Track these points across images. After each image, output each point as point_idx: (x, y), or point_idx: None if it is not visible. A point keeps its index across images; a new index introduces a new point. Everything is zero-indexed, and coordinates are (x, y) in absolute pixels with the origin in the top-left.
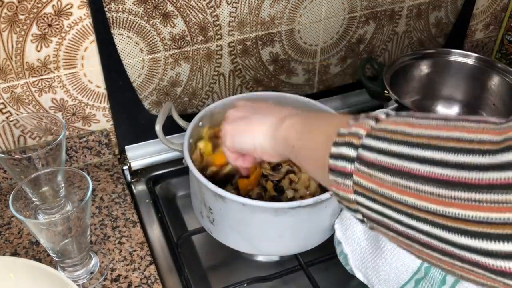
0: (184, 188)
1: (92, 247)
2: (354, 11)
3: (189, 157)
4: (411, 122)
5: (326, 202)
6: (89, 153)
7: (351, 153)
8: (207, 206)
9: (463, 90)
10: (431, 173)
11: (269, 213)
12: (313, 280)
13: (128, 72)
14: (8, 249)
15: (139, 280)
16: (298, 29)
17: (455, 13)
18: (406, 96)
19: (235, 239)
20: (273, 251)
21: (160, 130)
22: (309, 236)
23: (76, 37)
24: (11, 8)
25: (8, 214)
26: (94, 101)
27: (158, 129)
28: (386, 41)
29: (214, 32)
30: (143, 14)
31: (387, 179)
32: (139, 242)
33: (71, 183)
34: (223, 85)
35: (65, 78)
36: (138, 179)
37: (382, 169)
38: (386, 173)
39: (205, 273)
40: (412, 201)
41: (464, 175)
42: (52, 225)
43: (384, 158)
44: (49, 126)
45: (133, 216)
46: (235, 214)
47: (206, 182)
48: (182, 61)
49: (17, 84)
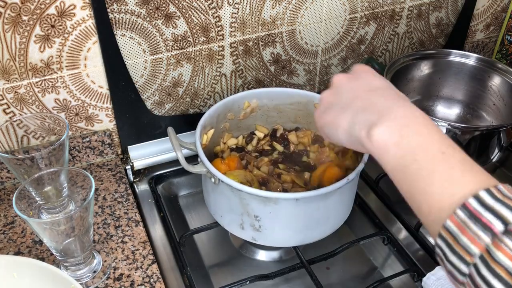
0: (186, 188)
1: (95, 246)
2: (355, 11)
3: (226, 177)
4: None
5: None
6: (92, 153)
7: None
8: (252, 215)
9: (464, 91)
10: None
11: (318, 200)
12: (314, 278)
13: (131, 72)
14: (11, 248)
15: (142, 279)
16: (299, 30)
17: (455, 13)
18: (406, 96)
19: (285, 237)
20: (322, 234)
21: (182, 156)
22: (347, 208)
23: (79, 38)
24: (14, 9)
25: (12, 214)
26: (97, 101)
27: (180, 156)
28: (387, 41)
29: (216, 33)
30: (146, 15)
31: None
32: (141, 241)
33: (74, 182)
34: (225, 86)
35: (68, 79)
36: (140, 179)
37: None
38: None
39: (207, 272)
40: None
41: None
42: (55, 225)
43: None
44: (52, 126)
45: (136, 215)
46: (288, 211)
47: (256, 191)
48: (184, 61)
49: (21, 85)
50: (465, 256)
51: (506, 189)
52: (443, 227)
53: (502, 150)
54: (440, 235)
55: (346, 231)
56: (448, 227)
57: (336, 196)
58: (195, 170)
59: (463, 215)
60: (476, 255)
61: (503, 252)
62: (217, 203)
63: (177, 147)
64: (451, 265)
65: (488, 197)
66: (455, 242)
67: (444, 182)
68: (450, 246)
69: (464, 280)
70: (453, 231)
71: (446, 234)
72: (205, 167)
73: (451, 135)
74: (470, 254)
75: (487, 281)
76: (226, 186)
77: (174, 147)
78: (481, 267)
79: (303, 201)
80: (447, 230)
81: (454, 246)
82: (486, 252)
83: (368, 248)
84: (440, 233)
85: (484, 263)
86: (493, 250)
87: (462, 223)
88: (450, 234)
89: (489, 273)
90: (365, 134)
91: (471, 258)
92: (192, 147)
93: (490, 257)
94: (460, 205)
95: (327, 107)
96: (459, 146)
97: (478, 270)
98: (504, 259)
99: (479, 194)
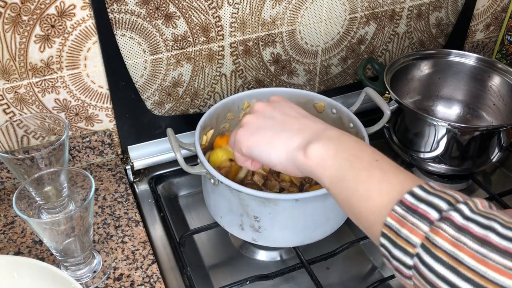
0: (186, 188)
1: (95, 246)
2: (355, 11)
3: (226, 178)
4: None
5: None
6: (92, 153)
7: (441, 205)
8: (252, 215)
9: (464, 91)
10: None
11: (318, 200)
12: (315, 278)
13: (131, 72)
14: (11, 248)
15: (142, 279)
16: (299, 30)
17: (455, 13)
18: (406, 96)
19: (285, 238)
20: (322, 234)
21: (181, 158)
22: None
23: (79, 38)
24: (14, 9)
25: (12, 214)
26: (97, 101)
27: (179, 157)
28: (387, 41)
29: (216, 33)
30: (146, 15)
31: (469, 245)
32: (141, 241)
33: (74, 182)
34: (225, 86)
35: (68, 79)
36: (140, 179)
37: (466, 233)
38: (469, 238)
39: (207, 272)
40: (490, 273)
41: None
42: (55, 225)
43: (472, 225)
44: (52, 126)
45: (136, 215)
46: (288, 212)
47: (255, 192)
48: (184, 61)
49: (21, 85)
50: (408, 248)
51: (435, 185)
52: (384, 225)
53: (502, 150)
54: (382, 234)
55: (346, 231)
56: (389, 223)
57: None
58: (194, 171)
59: (401, 210)
60: (418, 244)
61: (441, 237)
62: (217, 204)
63: (177, 148)
64: (396, 261)
65: (421, 192)
66: (396, 236)
67: (381, 184)
68: (392, 241)
69: (410, 273)
70: (394, 226)
71: (387, 231)
72: (205, 168)
73: (451, 135)
74: (411, 244)
75: (430, 267)
76: (226, 187)
77: (173, 148)
78: (423, 254)
79: (303, 202)
80: (388, 227)
81: (396, 240)
82: (426, 240)
83: (368, 248)
84: (382, 231)
85: (425, 250)
86: (432, 236)
87: (400, 217)
88: (391, 230)
89: (432, 259)
90: (303, 152)
91: (413, 248)
92: (191, 148)
93: (430, 243)
94: (397, 201)
95: (255, 130)
96: (459, 146)
97: (421, 258)
98: (443, 243)
99: (413, 190)
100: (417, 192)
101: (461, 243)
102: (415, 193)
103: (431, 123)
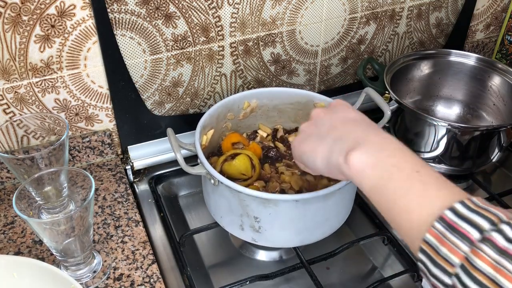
0: (186, 188)
1: (95, 246)
2: (355, 11)
3: (225, 179)
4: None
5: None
6: (92, 153)
7: (484, 224)
8: (252, 216)
9: (464, 91)
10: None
11: (318, 201)
12: (315, 278)
13: (131, 72)
14: (11, 248)
15: (142, 279)
16: (299, 30)
17: (455, 13)
18: (406, 96)
19: (285, 238)
20: (322, 235)
21: (181, 158)
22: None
23: (79, 38)
24: (14, 9)
25: (12, 214)
26: (97, 101)
27: (179, 157)
28: (387, 41)
29: (216, 33)
30: (146, 15)
31: (510, 269)
32: (141, 241)
33: (74, 182)
34: (225, 86)
35: (68, 79)
36: (140, 179)
37: (508, 257)
38: (511, 262)
39: (207, 272)
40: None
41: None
42: (55, 224)
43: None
44: (52, 126)
45: (136, 215)
46: (288, 213)
47: (255, 193)
48: (184, 61)
49: (21, 85)
50: (447, 267)
51: (478, 201)
52: (423, 241)
53: (502, 150)
54: (421, 249)
55: (346, 231)
56: (428, 240)
57: (336, 197)
58: (194, 171)
59: (441, 227)
60: (457, 264)
61: (481, 259)
62: (217, 204)
63: (177, 148)
64: (435, 278)
65: (463, 208)
66: (435, 254)
67: (420, 198)
68: (432, 259)
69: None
70: (433, 243)
71: (426, 247)
72: (205, 169)
73: (451, 135)
74: (451, 264)
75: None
76: (226, 187)
77: (173, 148)
78: (463, 276)
79: (303, 203)
80: (427, 243)
81: (435, 258)
82: (466, 261)
83: (368, 248)
84: (421, 247)
85: (465, 272)
86: (472, 258)
87: (440, 234)
88: (430, 247)
89: (471, 281)
90: (343, 160)
91: (452, 268)
92: (191, 148)
93: (470, 265)
94: (437, 217)
95: (306, 138)
96: (459, 146)
97: (460, 279)
98: (484, 265)
99: (454, 206)
100: (458, 208)
101: (502, 267)
102: (456, 209)
103: (431, 123)
